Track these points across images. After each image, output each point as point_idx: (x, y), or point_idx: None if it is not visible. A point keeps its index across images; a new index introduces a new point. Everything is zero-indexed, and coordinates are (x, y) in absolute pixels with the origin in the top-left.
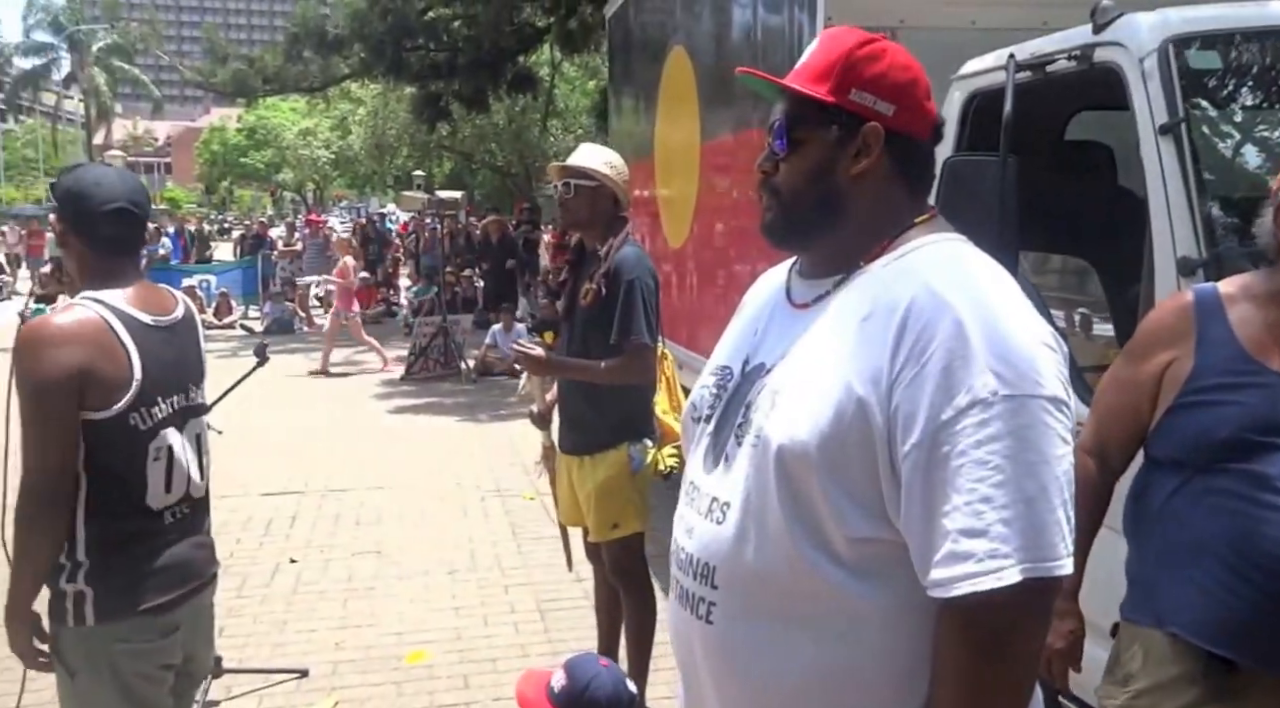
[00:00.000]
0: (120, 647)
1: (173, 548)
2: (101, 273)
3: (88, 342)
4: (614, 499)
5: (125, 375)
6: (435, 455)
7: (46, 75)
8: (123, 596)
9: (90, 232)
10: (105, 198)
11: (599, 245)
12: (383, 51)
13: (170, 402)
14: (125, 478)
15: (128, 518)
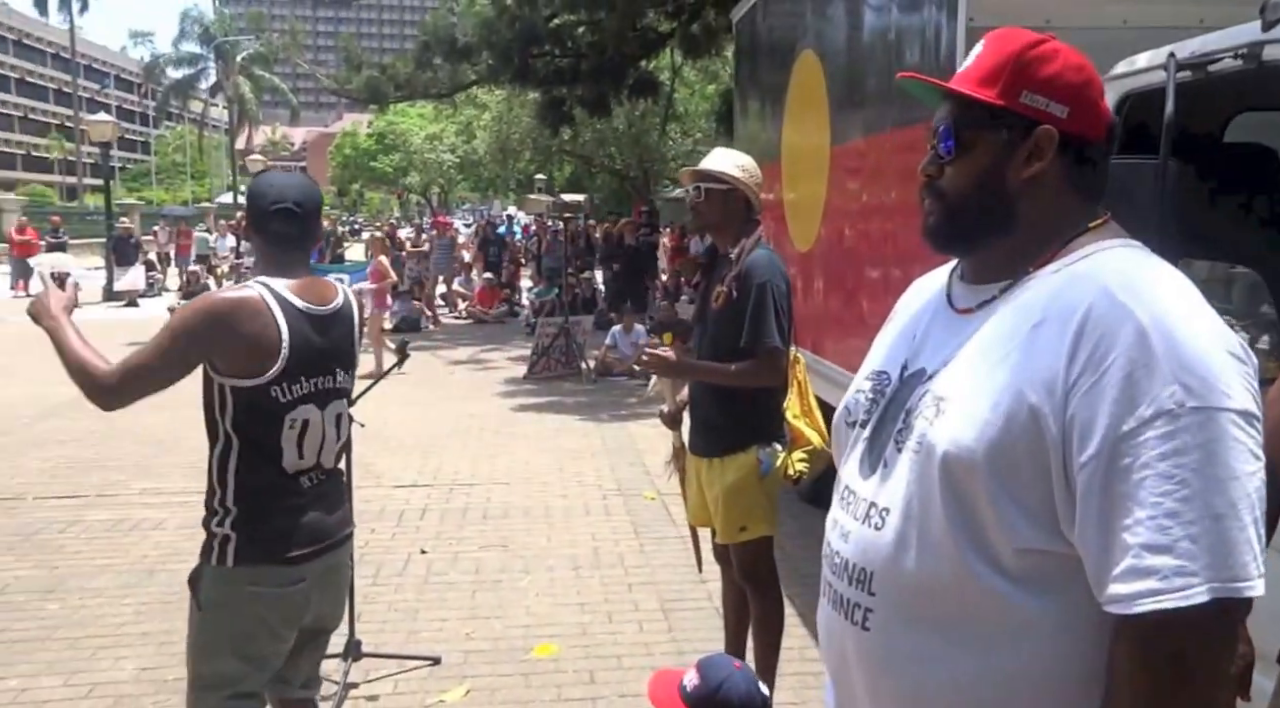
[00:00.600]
0: (250, 589)
1: (307, 509)
2: (274, 262)
3: (247, 318)
4: (742, 502)
5: (274, 350)
6: (557, 453)
7: (195, 84)
8: (260, 544)
9: (263, 227)
10: (274, 198)
11: (730, 248)
12: (509, 58)
13: (313, 381)
14: (264, 441)
15: (267, 475)
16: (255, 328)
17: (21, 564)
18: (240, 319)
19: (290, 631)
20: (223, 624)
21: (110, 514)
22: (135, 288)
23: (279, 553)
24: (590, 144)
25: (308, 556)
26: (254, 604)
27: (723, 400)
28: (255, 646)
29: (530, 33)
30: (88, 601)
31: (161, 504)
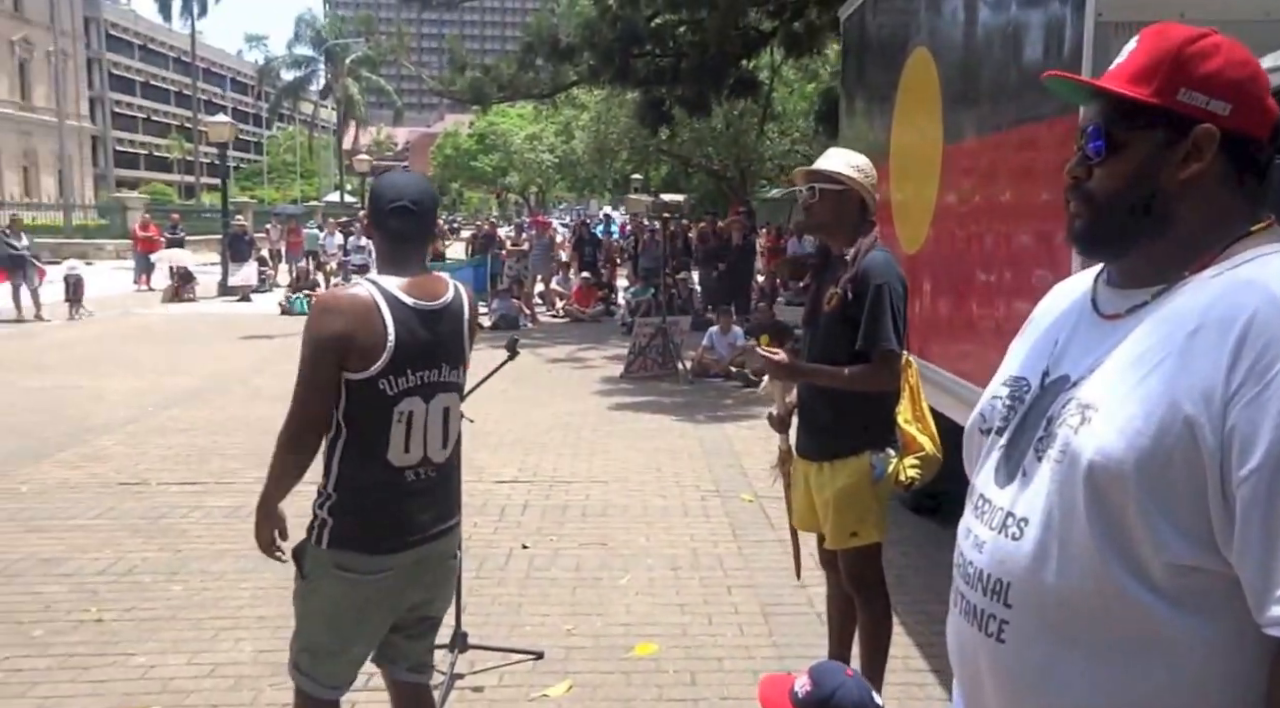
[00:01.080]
0: (336, 571)
1: (404, 503)
2: (389, 258)
3: (355, 314)
4: (853, 507)
5: (380, 346)
6: (654, 453)
7: (306, 86)
8: (348, 531)
9: (381, 224)
10: (393, 197)
11: (845, 250)
12: (611, 58)
13: (420, 375)
14: (371, 433)
15: (370, 468)
16: (362, 323)
17: (148, 546)
18: (348, 314)
19: (379, 615)
20: (315, 598)
21: (228, 501)
22: (248, 283)
23: (366, 543)
24: (688, 144)
25: (395, 547)
26: (341, 585)
27: (834, 404)
28: (342, 623)
29: (632, 32)
30: (209, 583)
31: None
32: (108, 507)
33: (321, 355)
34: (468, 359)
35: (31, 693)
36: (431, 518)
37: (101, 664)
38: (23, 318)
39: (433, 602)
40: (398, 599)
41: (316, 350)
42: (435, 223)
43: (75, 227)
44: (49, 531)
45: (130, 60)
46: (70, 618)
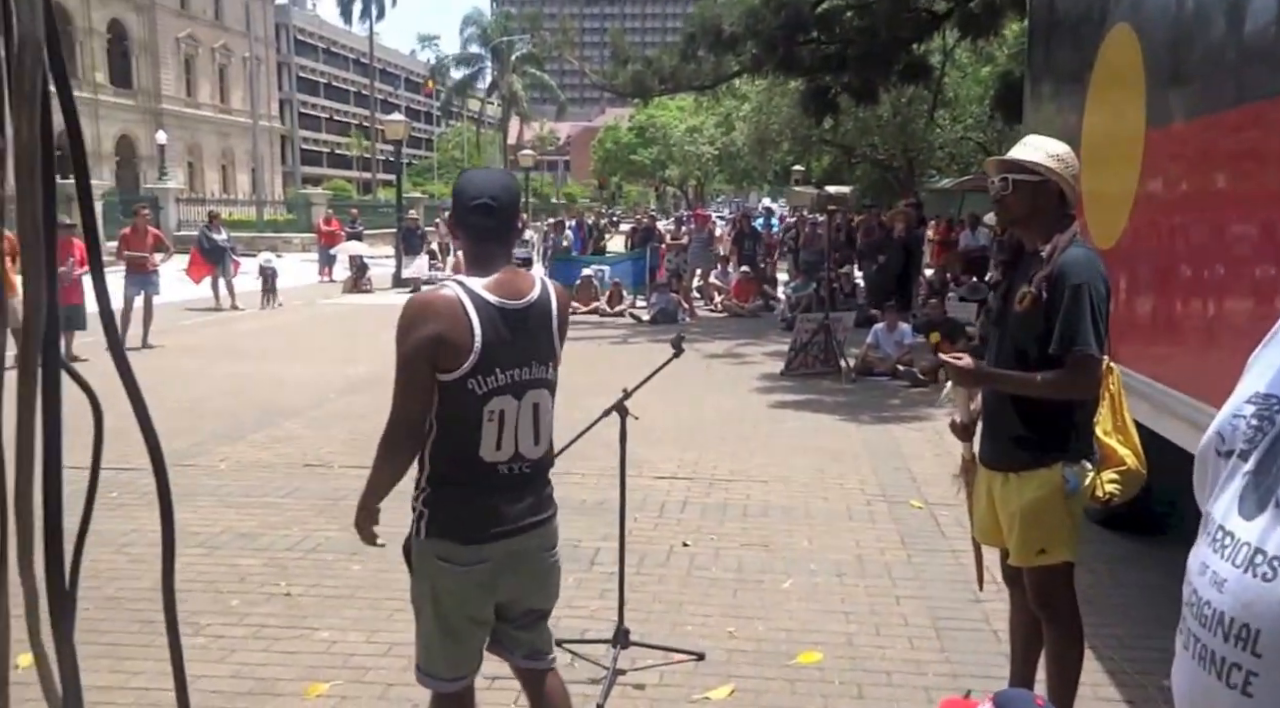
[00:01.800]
0: (436, 562)
1: (495, 497)
2: (474, 257)
3: (442, 316)
4: (1043, 523)
5: (468, 346)
6: (817, 454)
7: (473, 83)
8: (443, 523)
9: (463, 221)
10: (472, 194)
11: (1040, 245)
12: (774, 47)
13: (509, 374)
14: (462, 431)
15: (462, 464)
16: (449, 325)
17: (330, 526)
18: (434, 317)
19: (480, 604)
20: (422, 589)
21: (405, 485)
22: (420, 275)
23: (459, 534)
24: (852, 133)
25: (487, 538)
26: (441, 575)
27: (1025, 411)
28: (447, 611)
29: (796, 20)
30: (385, 565)
31: None
32: (295, 487)
33: (415, 358)
34: (559, 355)
35: (229, 659)
36: (524, 510)
37: (290, 637)
38: (219, 306)
39: (534, 594)
40: (496, 590)
41: (410, 353)
42: (518, 219)
43: (266, 221)
44: (244, 507)
45: (315, 63)
46: (263, 590)
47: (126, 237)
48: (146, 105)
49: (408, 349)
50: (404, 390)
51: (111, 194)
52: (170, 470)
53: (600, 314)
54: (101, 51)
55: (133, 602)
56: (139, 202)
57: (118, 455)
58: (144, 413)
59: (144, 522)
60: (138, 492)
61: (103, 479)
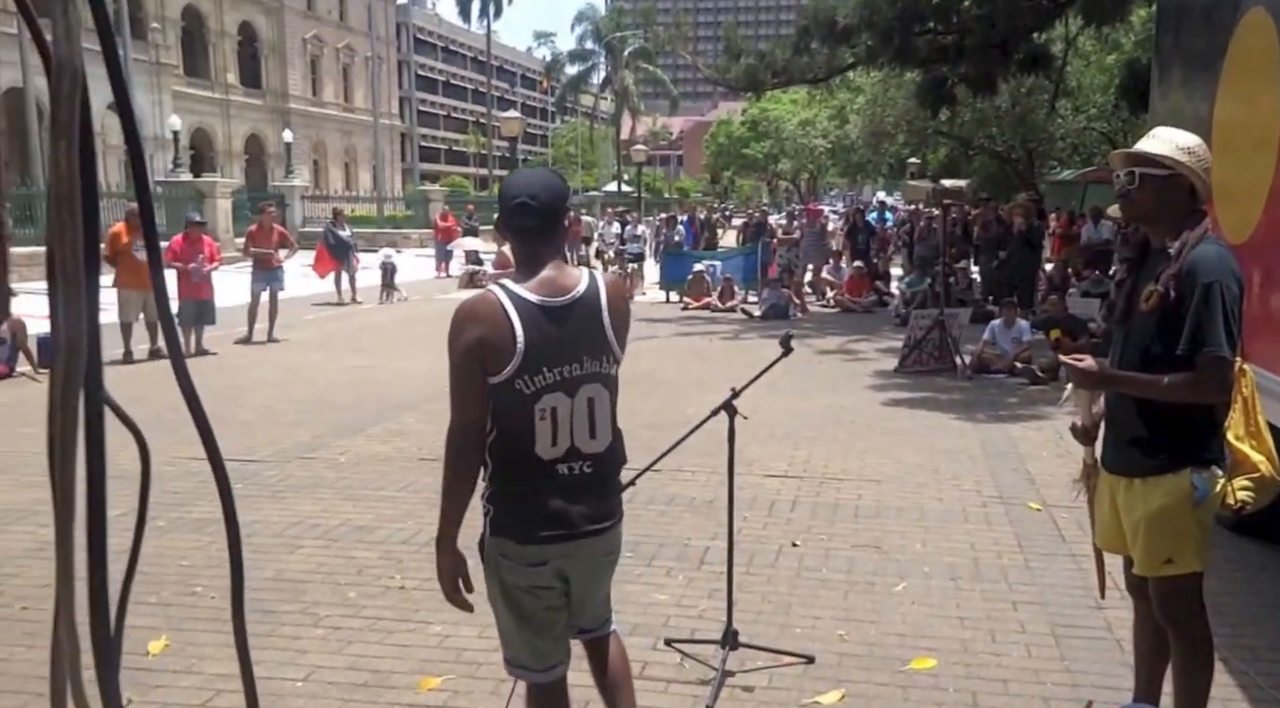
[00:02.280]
0: (501, 560)
1: (554, 497)
2: (521, 257)
3: (484, 320)
4: (1170, 531)
5: (510, 348)
6: (931, 453)
7: (587, 79)
8: (505, 521)
9: (507, 221)
10: (511, 194)
11: (1169, 242)
12: (890, 38)
13: (558, 372)
14: (516, 430)
15: (519, 462)
16: (491, 328)
17: None
18: (477, 322)
19: (549, 596)
20: (491, 583)
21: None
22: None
23: (518, 534)
24: (969, 125)
25: (548, 540)
26: (507, 572)
27: (1151, 414)
28: (519, 603)
29: (913, 10)
30: None
31: None
32: (410, 480)
33: (463, 363)
34: (615, 348)
35: (346, 651)
36: (585, 515)
37: (404, 630)
38: (342, 301)
39: (592, 588)
40: (562, 590)
41: (458, 359)
42: (563, 218)
43: (386, 217)
44: (362, 500)
45: (433, 62)
46: (379, 583)
47: (253, 234)
48: (274, 105)
49: (455, 355)
50: (457, 395)
51: (240, 191)
52: (293, 463)
53: (712, 309)
54: (232, 53)
55: (255, 591)
56: (266, 199)
57: (242, 448)
58: (203, 420)
59: (267, 513)
60: (260, 484)
61: (230, 471)
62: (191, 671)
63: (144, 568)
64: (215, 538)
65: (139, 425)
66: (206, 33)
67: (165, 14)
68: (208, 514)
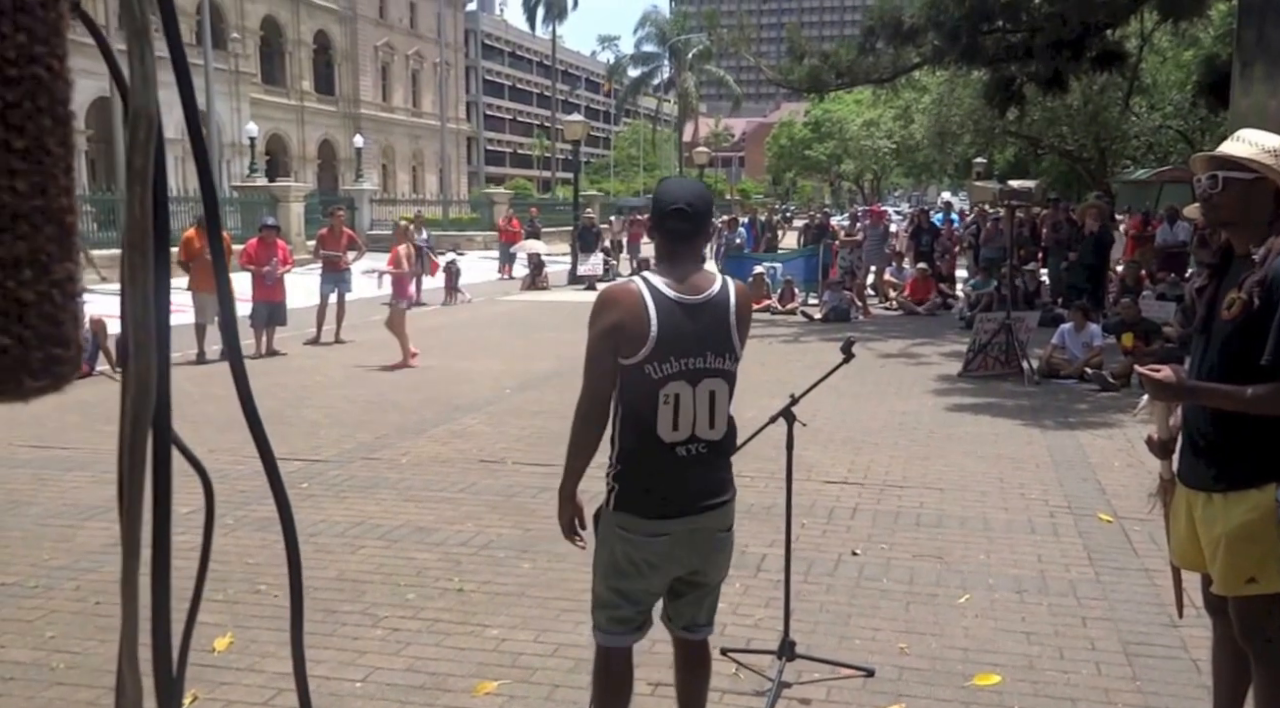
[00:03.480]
0: (620, 531)
1: (675, 474)
2: (665, 255)
3: (622, 306)
4: (1253, 549)
5: (645, 335)
6: (996, 461)
7: (649, 82)
8: (628, 496)
9: (661, 225)
10: (669, 201)
11: (1253, 248)
12: (957, 37)
13: (684, 362)
14: (642, 411)
15: (643, 442)
16: (630, 314)
17: (503, 523)
18: (616, 307)
19: (656, 575)
20: (603, 554)
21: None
22: (595, 273)
23: (642, 508)
24: (1038, 124)
25: (668, 514)
26: (623, 545)
27: (1231, 426)
28: (624, 581)
29: (981, 8)
30: (554, 564)
31: None
32: (470, 482)
33: (600, 343)
34: (737, 348)
35: (404, 653)
36: (702, 491)
37: (461, 633)
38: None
39: (706, 570)
40: (673, 564)
41: (596, 339)
42: (709, 224)
43: (451, 220)
44: (423, 501)
45: (500, 66)
46: (437, 585)
47: (323, 237)
48: (346, 111)
49: (593, 334)
50: (590, 370)
51: (312, 195)
52: (356, 463)
53: (772, 312)
54: (308, 61)
55: (318, 591)
56: (336, 203)
57: (308, 448)
58: (258, 424)
59: (331, 513)
60: (327, 483)
61: (293, 471)
62: (255, 669)
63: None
64: (280, 537)
65: (199, 454)
66: (284, 42)
67: (245, 24)
68: (274, 513)
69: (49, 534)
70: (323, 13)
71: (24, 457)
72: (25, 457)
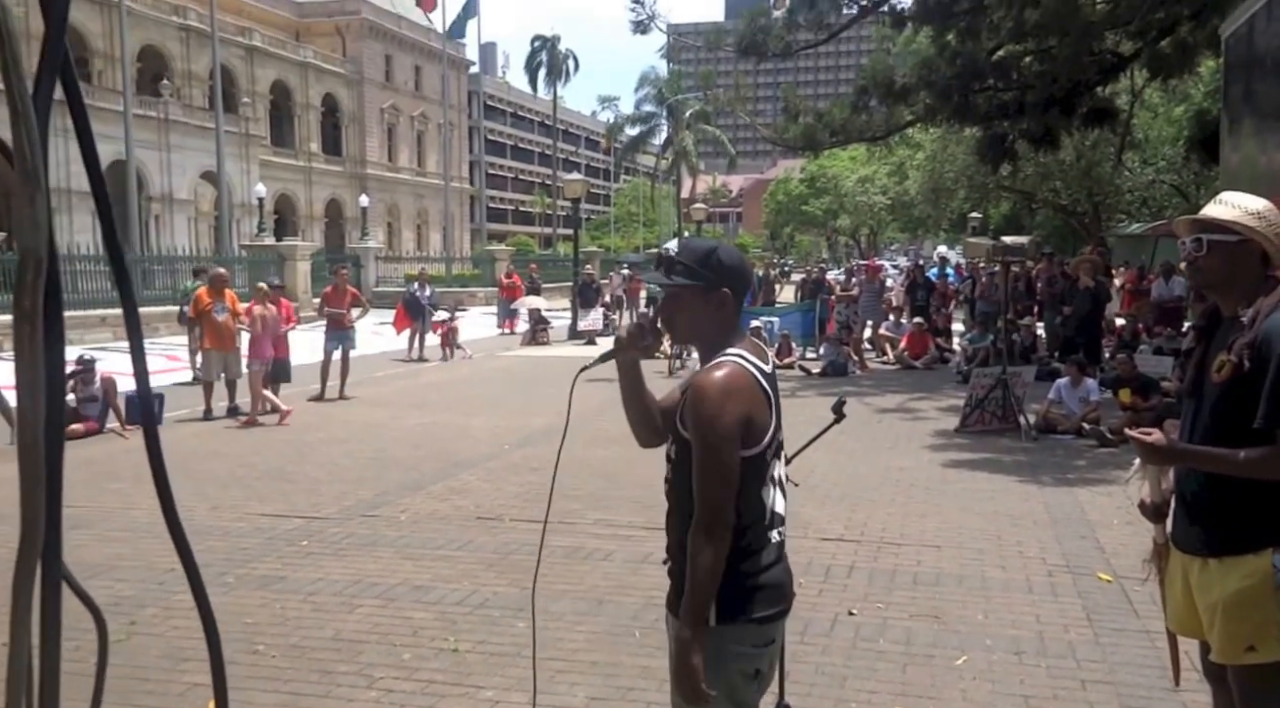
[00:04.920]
0: (732, 648)
1: (775, 567)
2: (733, 327)
3: (745, 394)
4: (1250, 617)
5: (768, 419)
6: (994, 517)
7: (647, 140)
8: (738, 604)
9: (737, 293)
10: (745, 271)
11: (1240, 310)
12: (949, 96)
13: (778, 437)
14: (752, 502)
15: (749, 536)
16: (753, 403)
17: (499, 581)
18: (741, 396)
19: (761, 682)
20: (717, 678)
21: (569, 541)
22: (594, 328)
23: (755, 612)
24: (1032, 179)
25: (775, 616)
26: (735, 660)
27: (1223, 489)
28: (742, 694)
29: (972, 68)
30: (549, 623)
31: (610, 535)
32: (467, 540)
33: (728, 441)
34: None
35: None
36: (791, 582)
37: (455, 694)
38: (411, 358)
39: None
40: (766, 670)
41: (725, 436)
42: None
43: (454, 276)
44: (420, 559)
45: (502, 126)
46: (433, 645)
47: (327, 295)
48: (353, 171)
49: (720, 432)
50: (718, 475)
51: (319, 254)
52: (356, 520)
53: None
54: (316, 124)
55: (315, 651)
56: (341, 262)
57: (309, 505)
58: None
59: (330, 571)
60: (327, 540)
61: (293, 528)
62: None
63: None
64: (279, 595)
65: (200, 512)
66: (293, 105)
67: (255, 89)
68: (273, 571)
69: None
70: (330, 77)
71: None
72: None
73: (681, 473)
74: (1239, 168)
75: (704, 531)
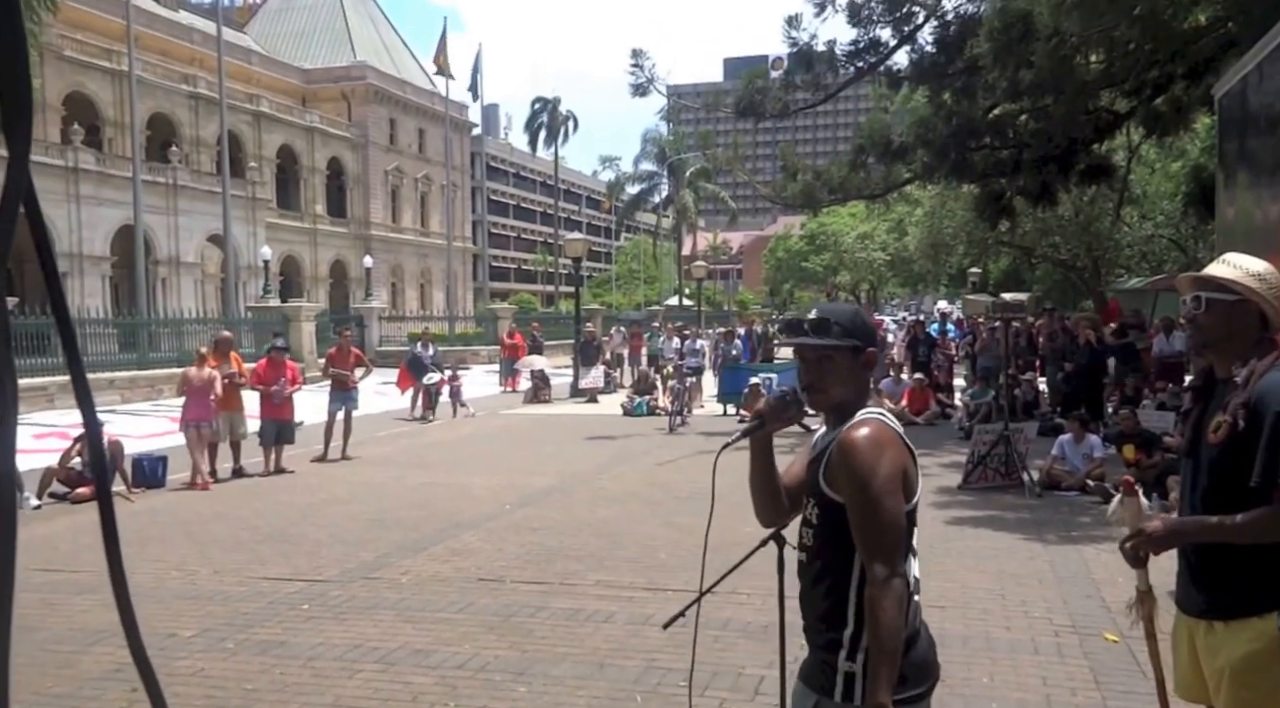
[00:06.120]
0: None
1: (921, 638)
2: (866, 386)
3: (899, 448)
4: (1258, 683)
5: (916, 477)
6: (998, 576)
7: (648, 198)
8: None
9: (876, 353)
10: (876, 332)
11: (1236, 370)
12: (946, 154)
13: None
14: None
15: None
16: (906, 457)
17: (500, 644)
18: (894, 447)
19: None
20: None
21: (570, 603)
22: (596, 386)
23: (905, 690)
24: (1031, 234)
25: (923, 695)
26: None
27: (1229, 550)
28: None
29: (968, 126)
30: (550, 687)
31: (612, 597)
32: (468, 602)
33: (894, 492)
34: None
35: None
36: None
37: None
38: (413, 417)
39: None
40: None
41: (889, 486)
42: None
43: (457, 335)
44: (420, 622)
45: (505, 186)
46: None
47: (331, 356)
48: (357, 232)
49: (884, 481)
50: (886, 524)
51: (323, 314)
52: (357, 582)
53: None
54: (321, 186)
55: None
56: (345, 322)
57: (311, 568)
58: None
59: (331, 634)
60: (328, 604)
61: (295, 591)
62: None
63: (208, 691)
64: (279, 660)
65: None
66: (299, 169)
67: (262, 153)
68: (274, 636)
69: (53, 660)
70: (336, 141)
71: (35, 580)
72: (37, 580)
73: (826, 536)
74: (1234, 222)
75: (883, 585)
